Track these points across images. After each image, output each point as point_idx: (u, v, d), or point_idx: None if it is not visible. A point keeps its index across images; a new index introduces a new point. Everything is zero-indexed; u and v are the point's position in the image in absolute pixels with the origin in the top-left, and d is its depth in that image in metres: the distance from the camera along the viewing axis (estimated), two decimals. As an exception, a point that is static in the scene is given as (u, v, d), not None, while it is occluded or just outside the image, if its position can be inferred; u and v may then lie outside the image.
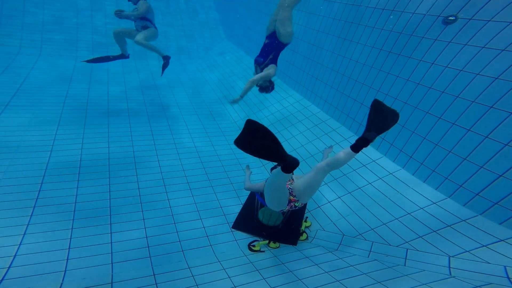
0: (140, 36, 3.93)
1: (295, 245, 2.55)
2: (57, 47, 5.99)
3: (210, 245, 2.48)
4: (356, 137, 3.45)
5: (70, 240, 2.30)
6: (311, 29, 4.44)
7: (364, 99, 3.38)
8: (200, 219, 2.77)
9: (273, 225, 2.57)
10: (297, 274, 2.08)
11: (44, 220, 2.43)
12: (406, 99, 2.88)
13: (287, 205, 2.14)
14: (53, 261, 2.10)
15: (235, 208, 2.97)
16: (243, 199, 3.09)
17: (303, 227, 2.71)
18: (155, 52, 4.22)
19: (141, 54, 6.58)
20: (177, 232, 2.57)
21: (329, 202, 2.96)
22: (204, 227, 2.67)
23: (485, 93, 2.24)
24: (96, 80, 5.26)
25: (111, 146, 3.57)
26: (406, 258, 2.18)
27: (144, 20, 4.03)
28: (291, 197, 2.14)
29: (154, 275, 2.07)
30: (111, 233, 2.43)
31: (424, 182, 2.66)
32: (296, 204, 2.16)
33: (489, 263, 1.94)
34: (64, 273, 2.02)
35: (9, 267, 2.00)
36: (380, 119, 1.85)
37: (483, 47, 2.29)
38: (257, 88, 3.25)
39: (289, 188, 2.15)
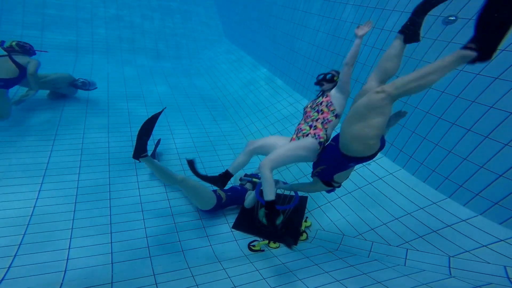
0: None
1: (295, 245, 2.55)
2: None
3: (210, 245, 2.49)
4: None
5: (70, 240, 2.30)
6: (311, 29, 4.44)
7: (364, 99, 3.37)
8: (200, 219, 2.77)
9: (273, 225, 2.57)
10: (297, 274, 2.08)
11: (44, 220, 2.43)
12: (406, 99, 2.88)
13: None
14: (53, 261, 2.10)
15: (235, 208, 2.97)
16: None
17: (303, 227, 2.71)
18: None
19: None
20: (177, 232, 2.57)
21: (329, 202, 2.96)
22: (204, 227, 2.68)
23: (485, 93, 2.24)
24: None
25: (110, 141, 3.57)
26: (406, 258, 2.18)
27: None
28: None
29: (154, 275, 2.07)
30: (111, 233, 2.43)
31: (424, 182, 2.66)
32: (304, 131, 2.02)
33: (489, 263, 1.94)
34: (64, 273, 2.02)
35: (9, 267, 2.01)
36: None
37: (483, 47, 2.28)
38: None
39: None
